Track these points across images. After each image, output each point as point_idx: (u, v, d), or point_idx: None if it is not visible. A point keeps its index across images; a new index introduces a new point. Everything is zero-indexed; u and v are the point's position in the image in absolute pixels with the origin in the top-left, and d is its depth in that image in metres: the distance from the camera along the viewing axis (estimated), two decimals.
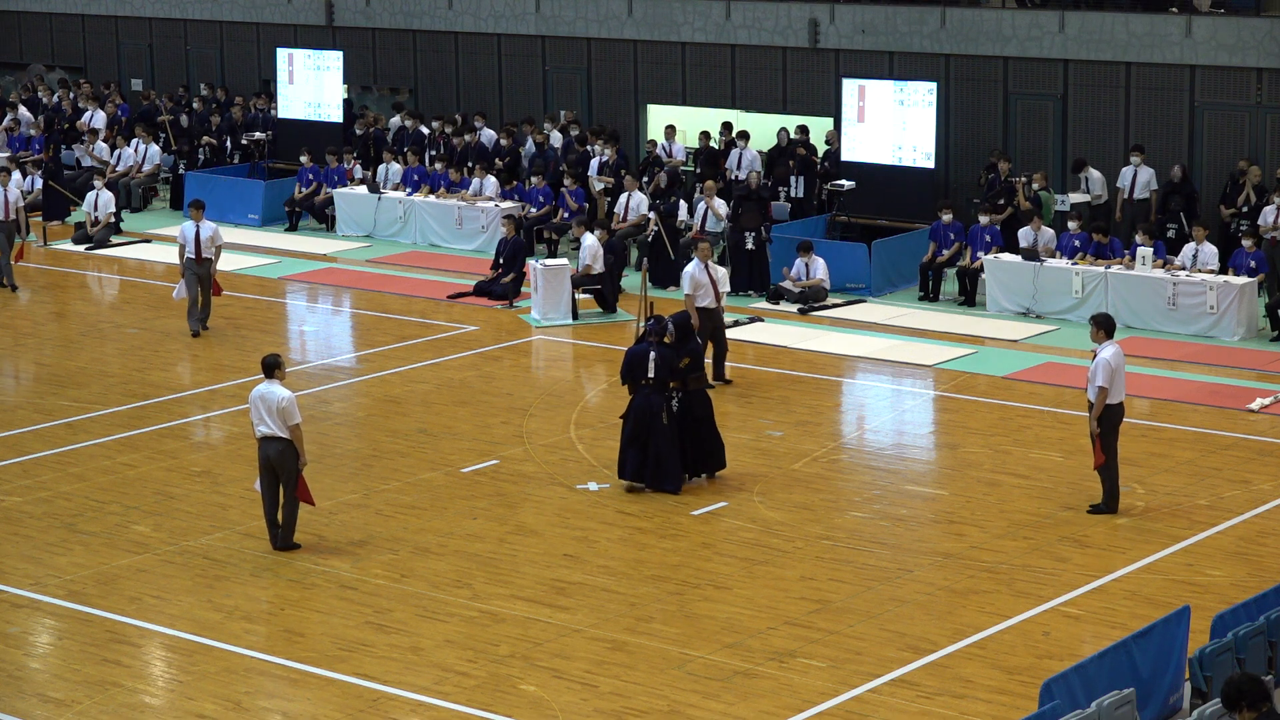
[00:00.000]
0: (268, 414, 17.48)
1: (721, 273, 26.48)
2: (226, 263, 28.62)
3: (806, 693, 14.68)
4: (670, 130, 33.04)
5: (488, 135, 34.35)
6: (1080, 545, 17.87)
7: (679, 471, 19.36)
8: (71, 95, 40.21)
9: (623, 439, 19.38)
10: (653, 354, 19.14)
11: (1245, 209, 27.97)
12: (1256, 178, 28.01)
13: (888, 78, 30.92)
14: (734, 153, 32.16)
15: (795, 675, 15.01)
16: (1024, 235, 27.66)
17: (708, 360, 22.12)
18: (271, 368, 17.76)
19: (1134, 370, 23.71)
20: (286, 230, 33.93)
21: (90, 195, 32.89)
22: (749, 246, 28.43)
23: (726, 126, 32.79)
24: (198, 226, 26.09)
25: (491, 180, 32.36)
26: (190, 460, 20.96)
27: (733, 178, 31.51)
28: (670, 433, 19.20)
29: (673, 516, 18.56)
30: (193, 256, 25.98)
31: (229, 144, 37.07)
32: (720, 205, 29.59)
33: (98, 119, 38.28)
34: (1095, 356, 18.45)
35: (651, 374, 19.09)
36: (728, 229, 29.12)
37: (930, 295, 28.26)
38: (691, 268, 23.39)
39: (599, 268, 27.48)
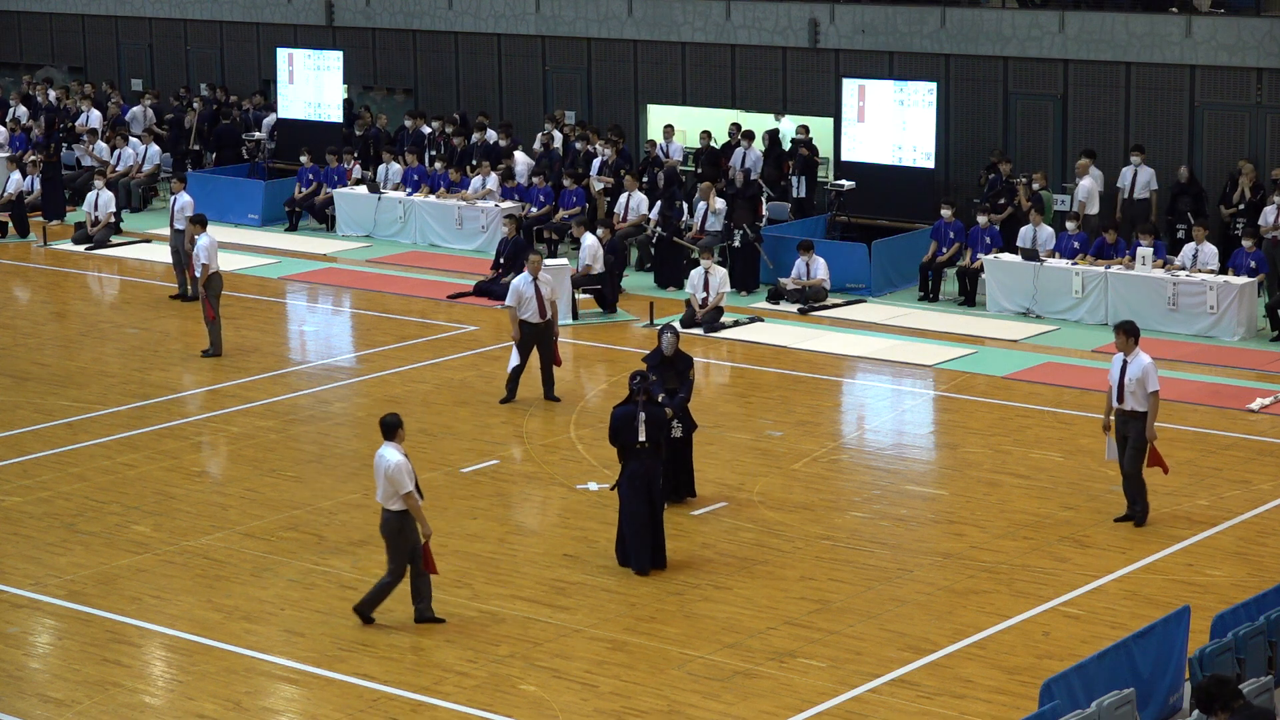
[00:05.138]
0: (379, 480, 15.87)
1: (721, 274, 26.56)
2: (227, 263, 28.61)
3: (806, 693, 14.68)
4: (669, 130, 33.03)
5: (489, 135, 34.30)
6: (1080, 545, 17.87)
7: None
8: (71, 95, 40.23)
9: (621, 516, 17.36)
10: (642, 414, 17.06)
11: (1241, 206, 27.98)
12: (1252, 176, 28.01)
13: (888, 78, 30.93)
14: (738, 152, 32.14)
15: (795, 675, 15.01)
16: (1023, 235, 27.67)
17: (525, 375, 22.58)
18: (391, 429, 15.95)
19: None
20: (286, 230, 33.93)
21: (90, 195, 32.89)
22: (735, 244, 28.39)
23: (736, 127, 32.78)
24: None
25: (495, 178, 32.35)
26: (190, 460, 20.96)
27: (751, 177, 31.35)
28: (663, 503, 17.44)
29: (673, 516, 18.52)
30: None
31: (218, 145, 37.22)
32: (720, 204, 29.58)
33: (94, 119, 38.32)
34: (1125, 364, 18.10)
35: (643, 437, 17.00)
36: (725, 228, 29.12)
37: (930, 295, 28.25)
38: (518, 281, 22.84)
39: (599, 268, 27.49)
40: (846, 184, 30.64)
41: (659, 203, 29.85)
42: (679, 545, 17.92)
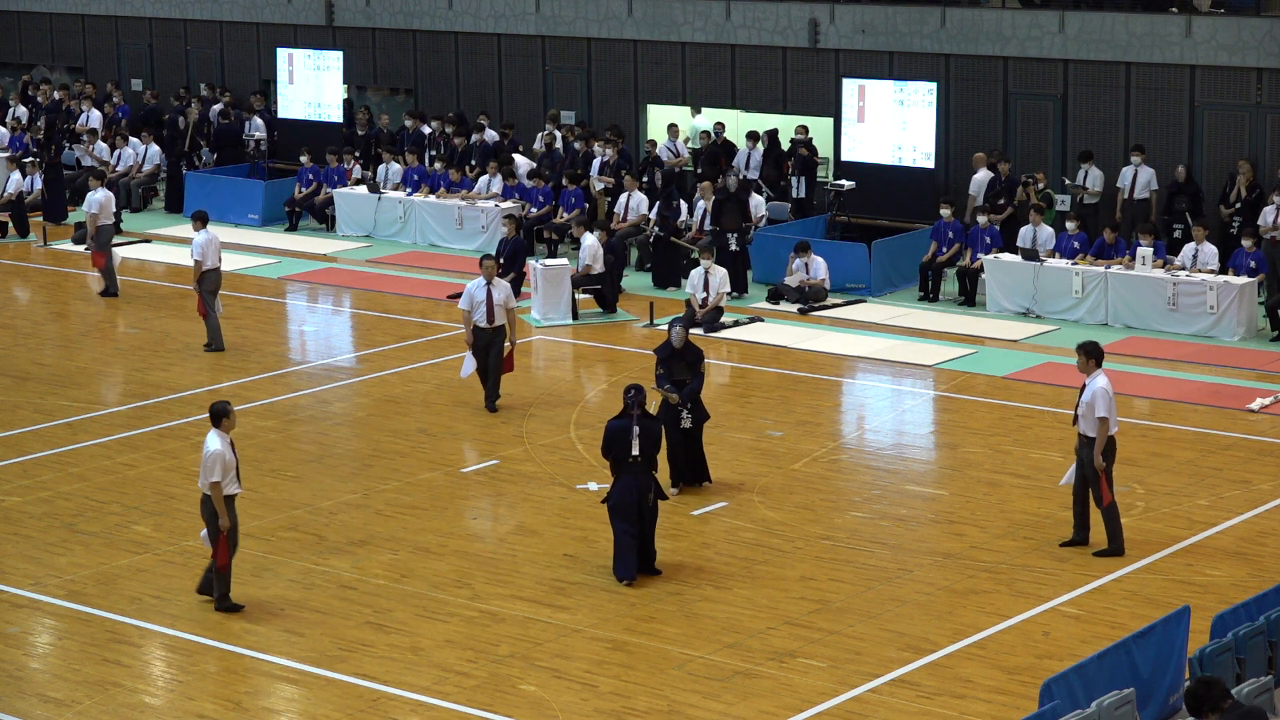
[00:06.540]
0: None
1: (721, 274, 26.56)
2: (226, 263, 28.57)
3: (806, 693, 14.68)
4: (673, 129, 33.04)
5: (490, 135, 34.32)
6: (1080, 545, 17.84)
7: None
8: (72, 94, 40.23)
9: (615, 529, 17.14)
10: (635, 429, 17.06)
11: (1237, 204, 27.98)
12: (1248, 175, 28.02)
13: (888, 78, 30.93)
14: (741, 152, 32.12)
15: (795, 675, 15.01)
16: (1023, 235, 27.67)
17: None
18: (217, 416, 16.21)
19: (1134, 370, 23.77)
20: (286, 230, 33.93)
21: (90, 195, 32.78)
22: (732, 248, 28.40)
23: (720, 126, 32.80)
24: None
25: (499, 178, 32.34)
26: (190, 460, 20.94)
27: (742, 178, 31.34)
28: (655, 514, 17.26)
29: (673, 516, 18.53)
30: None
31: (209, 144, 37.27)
32: None
33: (93, 119, 38.30)
34: (1084, 386, 17.55)
35: (636, 451, 16.98)
36: (715, 232, 29.10)
37: (930, 295, 28.25)
38: (471, 284, 22.60)
39: (599, 268, 27.49)
40: (846, 184, 30.64)
41: (657, 203, 29.86)
42: (679, 545, 17.93)
